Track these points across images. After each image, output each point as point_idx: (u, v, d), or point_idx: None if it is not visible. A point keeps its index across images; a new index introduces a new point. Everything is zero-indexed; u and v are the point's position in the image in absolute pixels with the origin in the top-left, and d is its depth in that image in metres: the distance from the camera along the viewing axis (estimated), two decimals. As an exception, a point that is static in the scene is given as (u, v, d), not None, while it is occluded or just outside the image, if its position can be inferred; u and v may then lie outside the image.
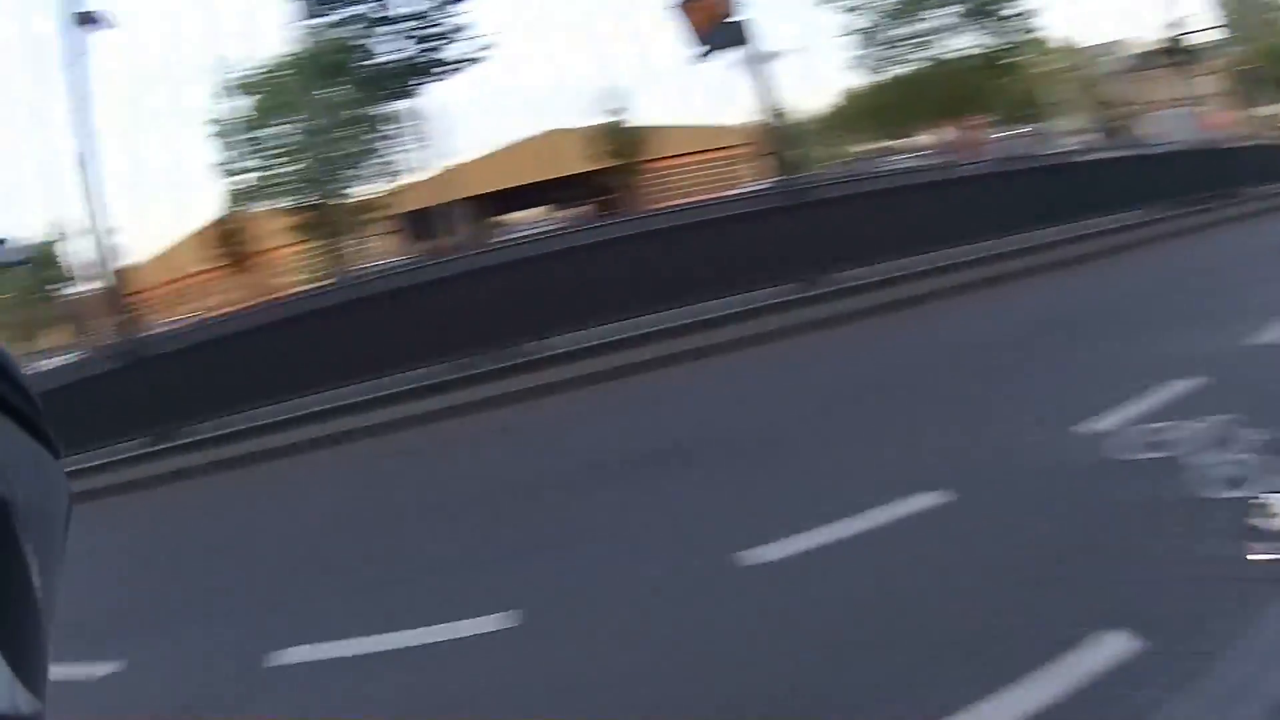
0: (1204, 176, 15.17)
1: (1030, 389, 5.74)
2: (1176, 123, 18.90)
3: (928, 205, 10.78)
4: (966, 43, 38.33)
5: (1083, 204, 12.23)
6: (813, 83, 48.21)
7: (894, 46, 40.10)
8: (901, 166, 25.42)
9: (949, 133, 40.26)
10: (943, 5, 38.35)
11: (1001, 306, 9.07)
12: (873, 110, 45.33)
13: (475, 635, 3.47)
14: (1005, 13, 38.07)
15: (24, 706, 0.42)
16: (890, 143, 52.43)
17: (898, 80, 40.26)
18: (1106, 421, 4.48)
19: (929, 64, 39.09)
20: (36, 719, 0.43)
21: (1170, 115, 21.21)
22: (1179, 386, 4.81)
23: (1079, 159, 14.72)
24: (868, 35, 40.63)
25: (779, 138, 12.05)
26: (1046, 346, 6.82)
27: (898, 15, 39.43)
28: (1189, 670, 2.41)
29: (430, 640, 3.53)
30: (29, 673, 0.43)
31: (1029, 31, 39.63)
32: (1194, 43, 26.57)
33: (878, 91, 42.34)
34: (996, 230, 10.88)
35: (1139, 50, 49.28)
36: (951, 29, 38.53)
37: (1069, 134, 46.42)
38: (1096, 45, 37.65)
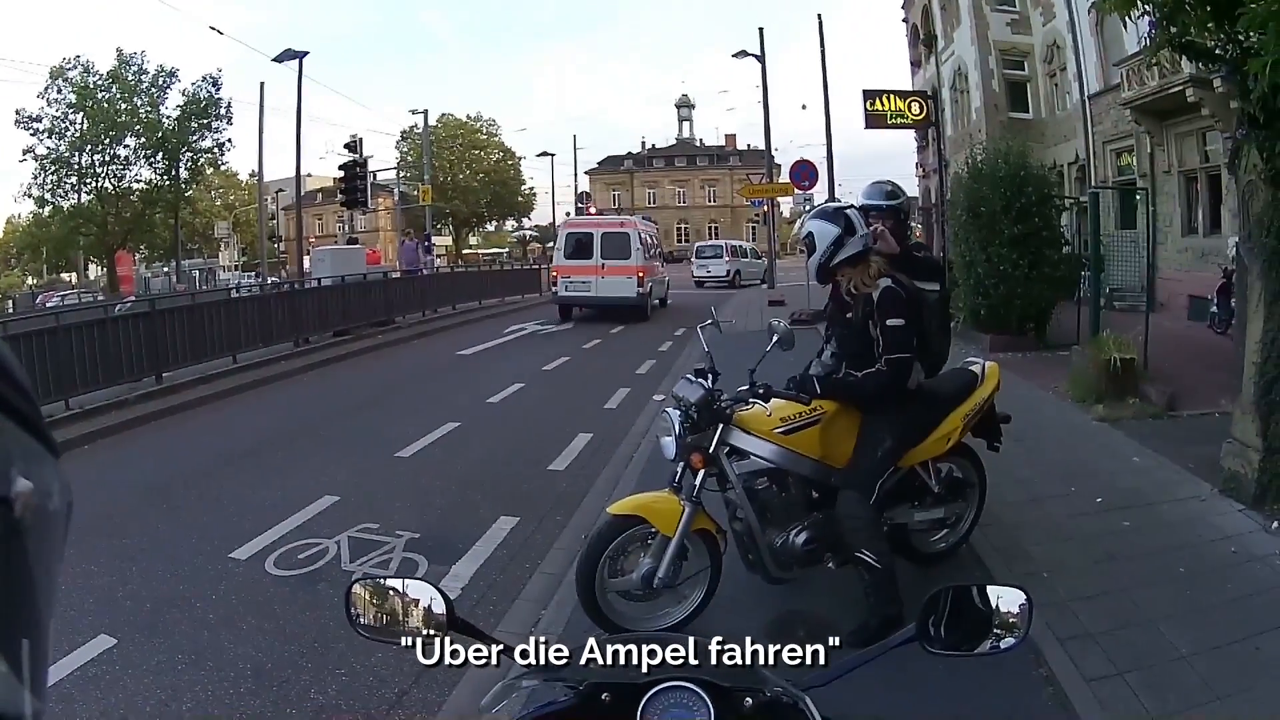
0: (361, 307, 17.46)
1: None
2: (338, 257, 20.83)
3: (83, 345, 10.40)
4: (147, 175, 37.07)
5: (245, 338, 13.28)
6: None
7: (72, 174, 36.43)
8: (56, 306, 23.01)
9: (123, 265, 38.22)
10: (132, 135, 36.61)
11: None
12: (44, 241, 40.47)
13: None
14: (198, 145, 38.05)
15: (24, 706, 0.42)
16: (60, 275, 47.41)
17: (72, 210, 36.82)
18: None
19: (102, 194, 36.70)
20: (36, 719, 0.43)
21: (331, 251, 23.43)
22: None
23: (242, 294, 15.55)
24: (46, 161, 36.03)
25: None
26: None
27: (80, 143, 36.20)
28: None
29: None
30: (29, 673, 0.43)
31: (216, 165, 40.35)
32: (373, 181, 29.31)
33: (50, 221, 38.05)
34: (152, 367, 11.15)
35: (319, 186, 54.25)
36: (134, 160, 36.84)
37: (233, 268, 47.96)
38: (279, 180, 40.22)
